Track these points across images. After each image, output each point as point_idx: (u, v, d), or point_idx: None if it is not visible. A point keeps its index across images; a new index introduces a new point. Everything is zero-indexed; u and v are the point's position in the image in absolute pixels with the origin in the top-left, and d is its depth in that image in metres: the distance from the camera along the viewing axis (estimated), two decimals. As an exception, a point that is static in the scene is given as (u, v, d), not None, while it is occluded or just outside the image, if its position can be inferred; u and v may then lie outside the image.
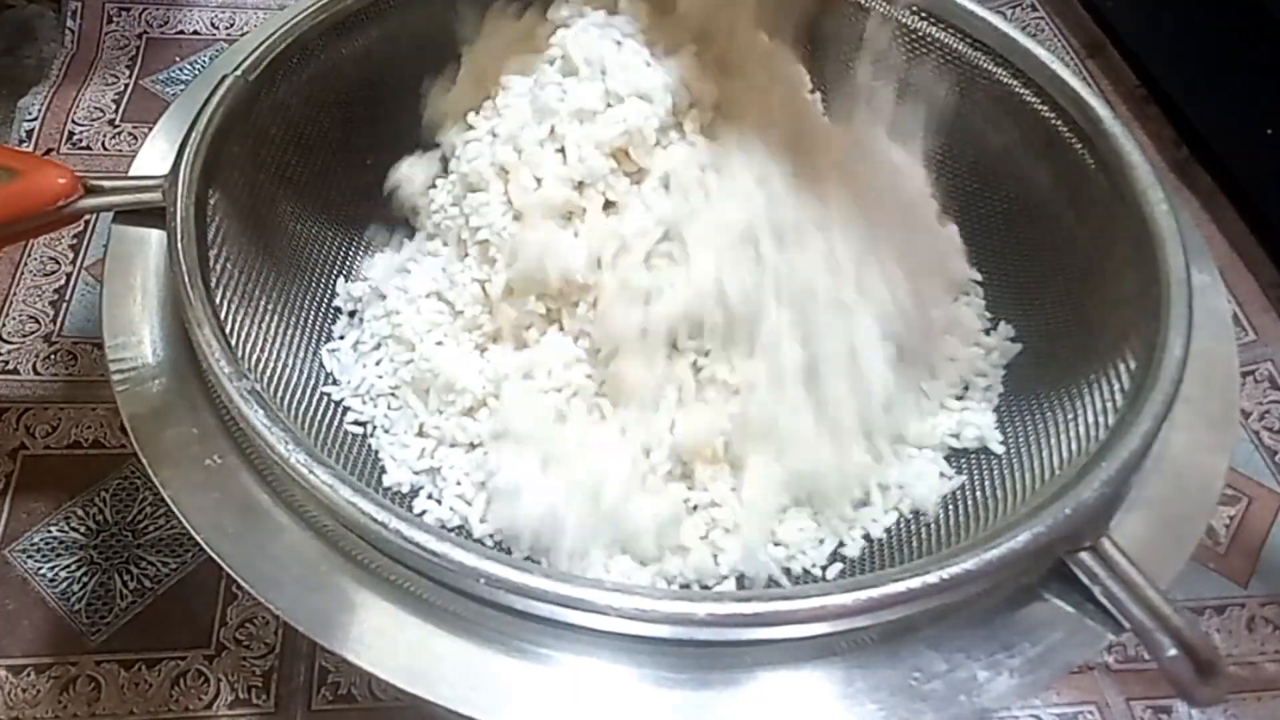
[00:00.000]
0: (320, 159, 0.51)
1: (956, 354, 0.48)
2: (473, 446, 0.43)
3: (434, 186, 0.50)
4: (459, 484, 0.43)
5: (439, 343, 0.45)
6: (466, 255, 0.47)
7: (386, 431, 0.44)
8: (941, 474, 0.45)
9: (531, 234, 0.44)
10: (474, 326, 0.46)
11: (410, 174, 0.53)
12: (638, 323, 0.42)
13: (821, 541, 0.43)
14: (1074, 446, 0.40)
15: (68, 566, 0.51)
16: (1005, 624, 0.33)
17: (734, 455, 0.43)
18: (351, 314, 0.48)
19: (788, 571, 0.42)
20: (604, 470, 0.41)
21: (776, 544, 0.42)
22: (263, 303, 0.44)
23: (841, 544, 0.43)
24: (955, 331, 0.48)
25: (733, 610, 0.30)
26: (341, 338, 0.47)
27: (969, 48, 0.52)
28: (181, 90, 0.72)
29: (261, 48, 0.47)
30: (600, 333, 0.43)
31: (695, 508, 0.42)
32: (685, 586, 0.41)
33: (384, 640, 0.31)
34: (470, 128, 0.48)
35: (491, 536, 0.42)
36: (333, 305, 0.48)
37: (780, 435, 0.42)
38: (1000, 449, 0.45)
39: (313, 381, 0.45)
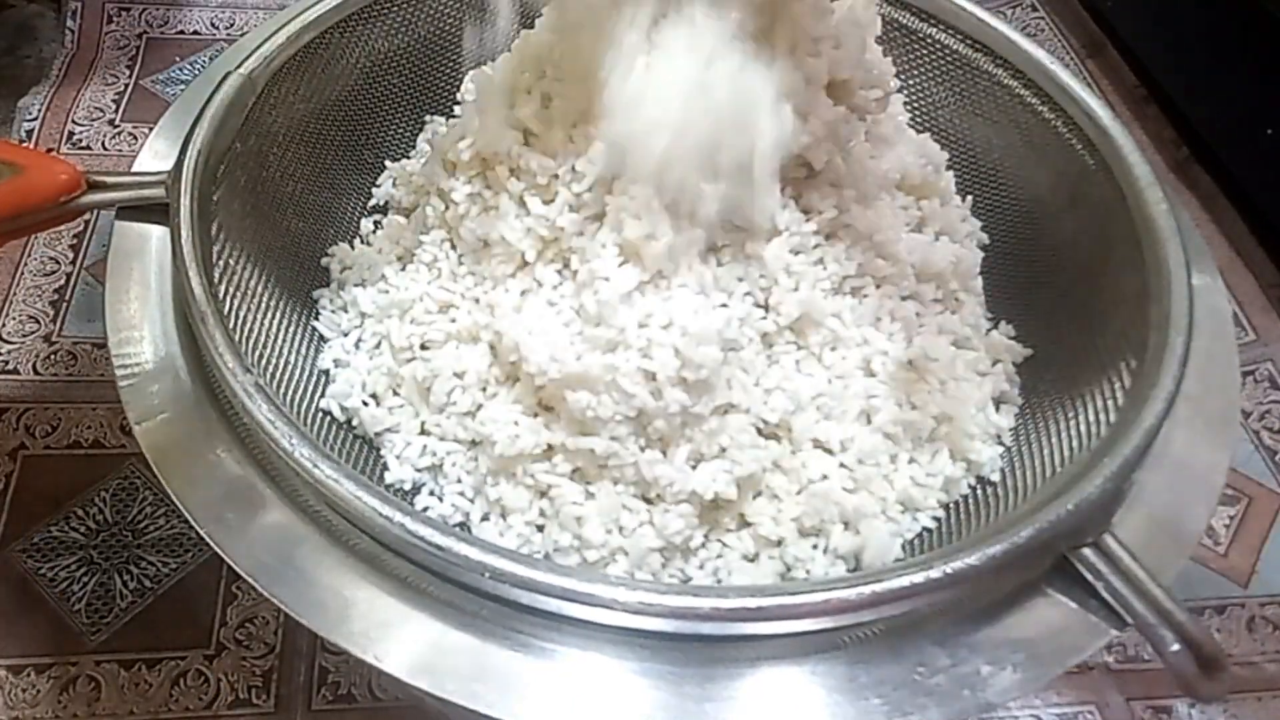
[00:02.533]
0: (321, 157, 0.52)
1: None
2: (474, 444, 0.43)
3: (431, 194, 0.50)
4: (460, 481, 0.43)
5: (441, 341, 0.45)
6: (463, 256, 0.47)
7: (389, 429, 0.44)
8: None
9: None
10: (477, 326, 0.46)
11: (409, 172, 0.53)
12: None
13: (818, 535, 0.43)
14: (1076, 444, 0.40)
15: (68, 566, 0.51)
16: (1009, 619, 0.33)
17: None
18: (354, 311, 0.48)
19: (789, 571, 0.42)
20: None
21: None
22: (265, 299, 0.44)
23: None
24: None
25: (737, 604, 0.30)
26: (344, 334, 0.47)
27: (969, 48, 0.52)
28: (182, 90, 0.72)
29: (262, 47, 0.47)
30: None
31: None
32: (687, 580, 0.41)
33: (388, 634, 0.31)
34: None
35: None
36: (335, 302, 0.48)
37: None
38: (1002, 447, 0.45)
39: (315, 377, 0.45)
